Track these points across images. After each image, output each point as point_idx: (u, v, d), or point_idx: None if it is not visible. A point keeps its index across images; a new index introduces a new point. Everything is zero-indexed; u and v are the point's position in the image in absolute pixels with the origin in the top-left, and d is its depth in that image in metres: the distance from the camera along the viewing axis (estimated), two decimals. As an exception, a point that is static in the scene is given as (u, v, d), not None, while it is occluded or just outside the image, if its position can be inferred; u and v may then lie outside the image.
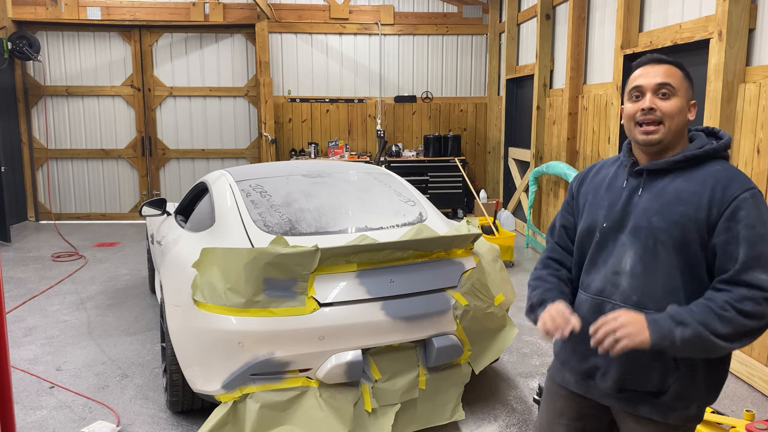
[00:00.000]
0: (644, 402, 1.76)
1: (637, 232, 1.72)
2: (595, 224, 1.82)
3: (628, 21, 5.36)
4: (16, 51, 8.75)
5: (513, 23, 8.82)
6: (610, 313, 1.67)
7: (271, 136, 9.41)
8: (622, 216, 1.76)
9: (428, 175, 9.51)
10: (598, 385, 1.81)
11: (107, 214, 9.79)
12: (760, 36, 3.89)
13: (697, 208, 1.65)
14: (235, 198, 3.68)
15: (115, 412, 3.54)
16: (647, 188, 1.74)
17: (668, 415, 1.74)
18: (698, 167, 1.71)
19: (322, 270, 3.04)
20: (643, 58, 1.78)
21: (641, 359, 1.72)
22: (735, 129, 4.00)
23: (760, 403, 3.63)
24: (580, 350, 1.83)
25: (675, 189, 1.69)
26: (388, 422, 3.08)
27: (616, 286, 1.75)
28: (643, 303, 1.70)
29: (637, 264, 1.71)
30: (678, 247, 1.67)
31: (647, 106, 1.69)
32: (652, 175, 1.75)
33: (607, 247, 1.79)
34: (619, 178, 1.83)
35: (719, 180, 1.66)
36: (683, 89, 1.72)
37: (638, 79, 1.74)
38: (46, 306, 5.47)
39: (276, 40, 9.66)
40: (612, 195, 1.81)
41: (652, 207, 1.71)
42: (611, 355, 1.71)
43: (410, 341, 3.16)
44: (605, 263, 1.79)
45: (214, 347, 2.97)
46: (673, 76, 1.71)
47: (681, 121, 1.71)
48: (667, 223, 1.67)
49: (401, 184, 4.17)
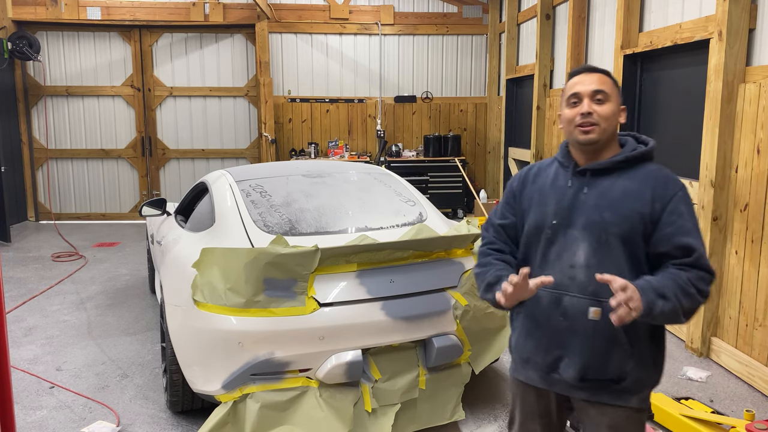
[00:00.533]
0: (605, 390, 1.89)
1: (589, 227, 1.86)
2: (544, 221, 1.95)
3: (628, 21, 5.36)
4: (16, 51, 8.75)
5: (513, 23, 8.82)
6: (615, 282, 1.68)
7: (271, 136, 9.41)
8: (571, 212, 1.90)
9: (428, 175, 9.51)
10: (561, 376, 1.92)
11: (107, 214, 9.79)
12: (760, 36, 3.89)
13: (642, 204, 1.84)
14: (235, 198, 3.68)
15: (115, 412, 3.54)
16: (592, 187, 1.91)
17: (629, 400, 1.89)
18: (635, 168, 1.91)
19: (322, 270, 3.04)
20: (578, 68, 1.97)
21: (601, 348, 1.85)
22: (735, 129, 4.00)
23: (760, 403, 3.63)
24: (543, 344, 1.94)
25: (621, 187, 1.87)
26: (388, 422, 3.08)
27: (572, 279, 1.87)
28: (599, 292, 1.83)
29: (592, 256, 1.86)
30: (626, 238, 1.84)
31: (586, 111, 1.88)
32: (596, 174, 1.92)
33: (558, 243, 1.92)
34: (561, 179, 1.98)
35: (658, 179, 1.87)
36: (614, 95, 1.91)
37: (575, 87, 1.92)
38: (46, 306, 5.47)
39: (276, 40, 9.66)
40: (557, 194, 1.95)
41: (603, 203, 1.87)
42: (572, 346, 1.87)
43: (410, 341, 3.16)
44: (558, 258, 1.91)
45: (214, 347, 2.97)
46: (605, 84, 1.90)
47: (614, 123, 1.91)
48: (619, 218, 1.84)
49: (401, 184, 4.17)
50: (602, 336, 1.83)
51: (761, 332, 3.78)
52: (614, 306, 1.67)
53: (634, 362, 1.85)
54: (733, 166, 4.03)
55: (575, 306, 1.86)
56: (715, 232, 4.13)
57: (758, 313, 3.80)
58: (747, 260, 3.91)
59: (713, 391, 3.79)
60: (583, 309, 1.85)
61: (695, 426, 3.05)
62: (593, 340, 1.84)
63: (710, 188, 4.11)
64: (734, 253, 4.03)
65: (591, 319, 1.84)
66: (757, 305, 3.82)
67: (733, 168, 4.03)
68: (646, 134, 5.31)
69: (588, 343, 1.85)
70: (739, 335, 3.99)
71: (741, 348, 3.97)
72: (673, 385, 3.87)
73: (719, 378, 3.95)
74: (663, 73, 5.11)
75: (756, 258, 3.82)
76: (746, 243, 3.91)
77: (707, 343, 4.26)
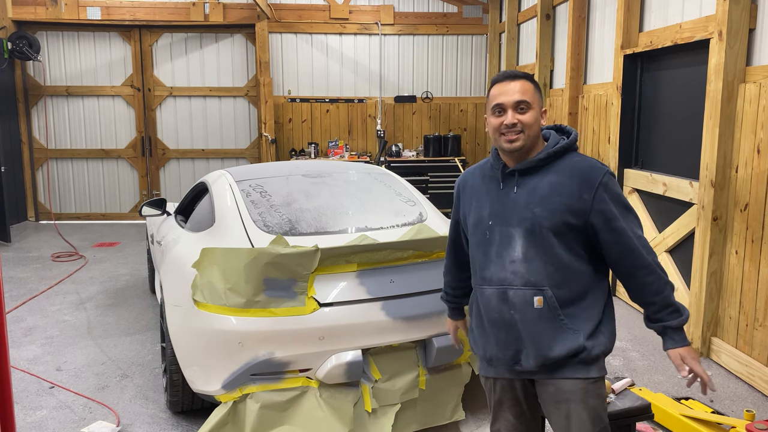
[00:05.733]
0: (564, 366, 2.01)
1: (523, 223, 2.00)
2: (481, 222, 2.10)
3: (628, 21, 5.36)
4: (16, 51, 8.75)
5: (513, 23, 8.82)
6: (681, 362, 2.01)
7: (271, 136, 9.41)
8: (504, 212, 2.04)
9: (428, 175, 9.51)
10: (524, 367, 2.04)
11: (107, 214, 9.79)
12: (760, 36, 3.89)
13: (569, 197, 1.97)
14: (235, 198, 3.68)
15: (115, 412, 3.53)
16: (521, 185, 2.04)
17: (589, 371, 2.01)
18: (560, 161, 2.03)
19: (322, 270, 3.04)
20: (499, 75, 2.08)
21: (550, 332, 1.98)
22: (735, 129, 4.00)
23: (760, 403, 3.63)
24: (501, 340, 2.05)
25: (548, 183, 2.00)
26: (388, 422, 3.08)
27: (515, 273, 2.00)
28: (540, 282, 1.98)
29: (529, 250, 1.99)
30: (559, 231, 1.97)
31: (510, 122, 2.00)
32: (524, 174, 2.05)
33: (497, 241, 2.05)
34: (493, 181, 2.12)
35: (582, 170, 1.99)
36: (536, 101, 2.03)
37: (499, 98, 2.03)
38: (46, 306, 5.47)
39: (276, 40, 9.65)
40: (491, 196, 2.10)
41: (533, 200, 2.00)
42: (526, 336, 2.00)
43: (410, 341, 3.16)
44: (499, 255, 2.04)
45: (214, 347, 2.97)
46: (527, 92, 2.02)
47: (537, 128, 2.05)
48: (549, 212, 1.97)
49: (401, 184, 4.17)
50: (547, 322, 1.98)
51: (761, 332, 3.78)
52: (692, 381, 2.03)
53: (583, 337, 1.98)
54: (733, 166, 4.03)
55: (521, 298, 1.99)
56: (716, 232, 4.13)
57: (758, 313, 3.80)
58: (747, 260, 3.91)
59: (713, 391, 3.78)
60: (528, 299, 1.98)
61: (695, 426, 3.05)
62: (540, 328, 1.98)
63: (710, 188, 4.11)
64: (734, 253, 4.03)
65: (536, 308, 1.97)
66: (757, 305, 3.82)
67: (733, 168, 4.03)
68: (646, 134, 5.32)
69: (536, 331, 1.98)
70: (739, 335, 3.99)
71: (741, 348, 3.97)
72: (673, 385, 3.87)
73: (719, 378, 3.95)
74: (663, 73, 5.11)
75: (756, 258, 3.82)
76: (746, 243, 3.91)
77: (707, 343, 4.25)
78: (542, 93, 2.03)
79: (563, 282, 1.98)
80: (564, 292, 1.98)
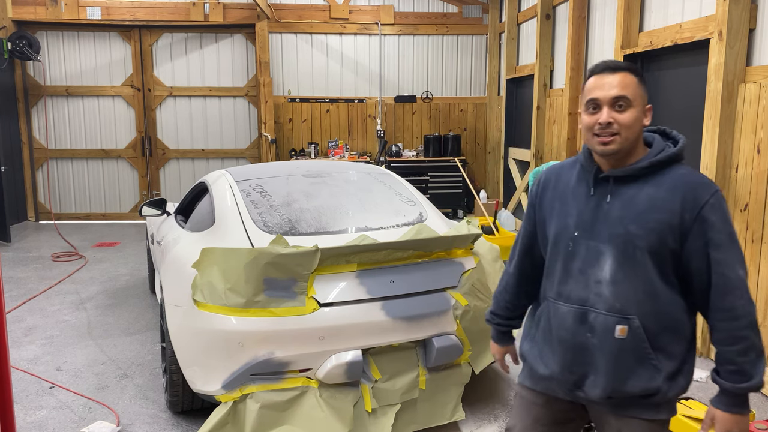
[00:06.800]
0: (634, 405, 1.80)
1: (614, 240, 1.74)
2: (565, 233, 1.84)
3: (628, 21, 5.36)
4: (16, 51, 8.75)
5: (513, 23, 8.82)
6: (710, 423, 1.75)
7: (271, 136, 9.41)
8: (593, 224, 1.78)
9: (428, 175, 9.51)
10: (587, 394, 1.83)
11: (107, 214, 9.79)
12: (760, 36, 3.89)
13: (671, 215, 1.70)
14: (235, 198, 3.68)
15: (115, 412, 3.53)
16: (615, 195, 1.77)
17: (659, 413, 1.80)
18: (662, 172, 1.75)
19: (322, 270, 3.04)
20: (598, 65, 1.79)
21: (628, 366, 1.76)
22: (735, 129, 4.00)
23: (760, 403, 3.62)
24: (567, 362, 1.84)
25: (647, 196, 1.73)
26: (388, 422, 3.08)
27: (599, 296, 1.76)
28: (626, 309, 1.74)
29: (618, 271, 1.74)
30: (654, 252, 1.71)
31: (605, 121, 1.72)
32: (619, 182, 1.78)
33: (580, 255, 1.80)
34: (582, 185, 1.85)
35: (688, 185, 1.71)
36: (638, 98, 1.74)
37: (594, 92, 1.76)
38: (46, 306, 5.47)
39: (276, 40, 9.65)
40: (579, 202, 1.83)
41: (628, 215, 1.74)
42: (598, 365, 1.78)
43: (410, 341, 3.16)
44: (582, 273, 1.80)
45: (214, 347, 2.97)
46: (627, 87, 1.73)
47: (637, 130, 1.75)
48: (645, 231, 1.71)
49: (401, 184, 4.17)
50: (629, 354, 1.74)
51: (761, 333, 3.77)
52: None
53: (663, 377, 1.76)
54: (733, 166, 4.03)
55: (602, 323, 1.76)
56: (715, 232, 4.12)
57: (758, 314, 3.80)
58: (747, 260, 3.90)
59: (713, 391, 3.79)
60: (609, 327, 1.75)
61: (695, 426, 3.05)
62: (620, 359, 1.75)
63: (710, 188, 4.11)
64: (734, 253, 4.03)
65: (617, 337, 1.74)
66: (757, 305, 3.82)
67: (733, 168, 4.03)
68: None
69: (614, 361, 1.75)
70: (739, 335, 3.99)
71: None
72: (673, 385, 3.87)
73: (719, 378, 3.95)
74: (663, 73, 5.11)
75: (756, 258, 3.82)
76: (746, 243, 3.91)
77: (707, 343, 4.25)
78: (646, 87, 1.79)
79: (653, 312, 1.74)
80: (652, 324, 1.74)
